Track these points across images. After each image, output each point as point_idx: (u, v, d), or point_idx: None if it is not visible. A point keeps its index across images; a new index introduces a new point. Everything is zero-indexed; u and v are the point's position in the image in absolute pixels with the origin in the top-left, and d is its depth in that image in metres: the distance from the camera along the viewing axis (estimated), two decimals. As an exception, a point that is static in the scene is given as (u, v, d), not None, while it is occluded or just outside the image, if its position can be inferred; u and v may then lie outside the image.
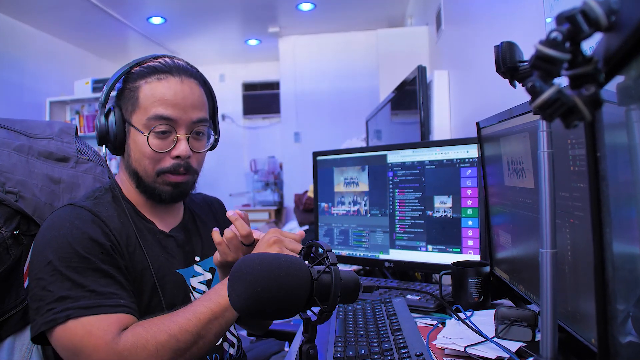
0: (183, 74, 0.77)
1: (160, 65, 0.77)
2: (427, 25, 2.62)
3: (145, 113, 0.74)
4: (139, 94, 0.75)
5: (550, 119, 0.31)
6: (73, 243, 0.67)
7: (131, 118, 0.76)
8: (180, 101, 0.75)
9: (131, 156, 0.77)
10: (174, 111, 0.74)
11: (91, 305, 0.64)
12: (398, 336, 0.72)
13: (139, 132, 0.74)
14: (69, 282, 0.65)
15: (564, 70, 0.31)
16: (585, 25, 0.29)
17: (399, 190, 1.17)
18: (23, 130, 0.88)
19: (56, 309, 0.63)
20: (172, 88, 0.75)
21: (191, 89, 0.77)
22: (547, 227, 0.49)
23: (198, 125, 0.77)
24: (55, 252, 0.66)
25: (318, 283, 0.54)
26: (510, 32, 1.20)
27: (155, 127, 0.73)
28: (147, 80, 0.75)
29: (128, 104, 0.76)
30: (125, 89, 0.77)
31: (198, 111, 0.77)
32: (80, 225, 0.69)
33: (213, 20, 3.74)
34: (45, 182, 0.84)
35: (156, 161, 0.75)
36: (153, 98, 0.74)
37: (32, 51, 3.65)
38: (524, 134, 0.74)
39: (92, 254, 0.67)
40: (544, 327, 0.50)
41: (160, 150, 0.74)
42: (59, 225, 0.69)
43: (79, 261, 0.66)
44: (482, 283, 0.92)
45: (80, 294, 0.64)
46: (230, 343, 0.84)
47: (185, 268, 0.81)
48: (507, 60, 0.53)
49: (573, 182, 0.57)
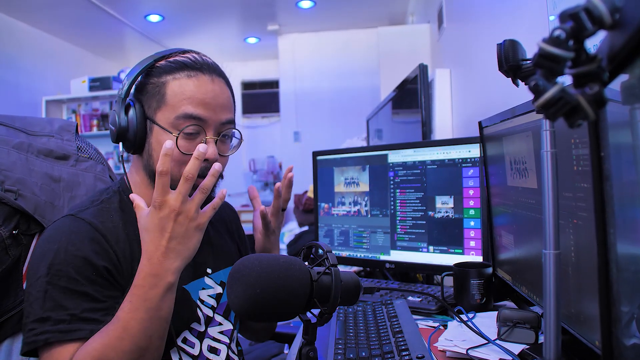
0: (213, 73, 0.73)
1: (189, 62, 0.72)
2: (429, 23, 2.61)
3: (173, 111, 0.69)
4: (166, 90, 0.70)
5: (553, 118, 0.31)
6: (65, 261, 0.64)
7: (155, 115, 0.71)
8: (211, 101, 0.70)
9: (153, 157, 0.71)
10: (205, 111, 0.69)
11: (70, 329, 0.61)
12: (399, 338, 0.71)
13: (166, 131, 0.69)
14: (52, 302, 0.62)
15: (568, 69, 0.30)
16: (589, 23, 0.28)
17: (400, 191, 1.17)
18: (23, 128, 0.87)
19: (36, 330, 0.62)
20: (203, 86, 0.70)
21: (221, 89, 0.73)
22: (550, 228, 0.49)
23: (226, 127, 0.73)
24: (45, 268, 0.64)
25: (318, 284, 0.54)
26: (513, 30, 1.19)
27: (186, 127, 0.69)
28: (175, 76, 0.70)
29: (152, 100, 0.71)
30: (148, 84, 0.72)
31: (227, 112, 0.73)
32: (77, 242, 0.66)
33: (211, 17, 3.73)
34: (45, 180, 0.83)
35: (181, 164, 0.68)
36: (182, 96, 0.69)
37: (28, 49, 3.63)
38: (527, 134, 0.73)
39: (83, 275, 0.64)
40: (547, 329, 0.50)
41: (188, 152, 0.69)
42: (56, 239, 0.66)
43: (68, 282, 0.63)
44: (485, 284, 0.91)
45: (61, 317, 0.62)
46: None
47: (193, 281, 0.77)
48: (510, 58, 0.53)
49: (577, 182, 0.56)
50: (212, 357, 0.76)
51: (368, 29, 3.94)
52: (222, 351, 0.78)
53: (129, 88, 0.72)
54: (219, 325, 0.79)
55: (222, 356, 0.78)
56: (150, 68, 0.73)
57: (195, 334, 0.75)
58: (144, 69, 0.72)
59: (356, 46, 4.09)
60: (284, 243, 3.24)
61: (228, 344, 0.80)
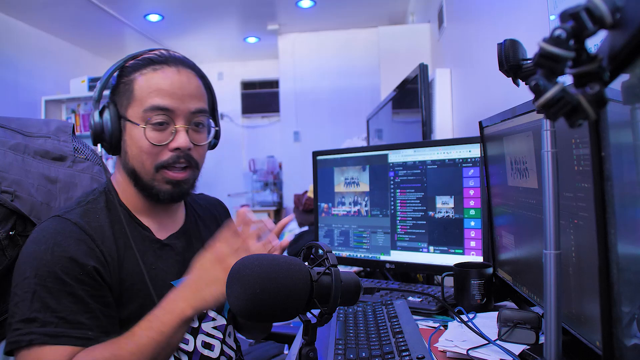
0: (179, 64, 0.74)
1: (155, 57, 0.74)
2: (429, 23, 2.61)
3: (141, 105, 0.71)
4: (134, 86, 0.72)
5: (554, 118, 0.30)
6: (51, 262, 0.64)
7: (126, 112, 0.72)
8: (177, 90, 0.71)
9: (128, 153, 0.73)
10: (171, 101, 0.71)
11: (56, 334, 0.61)
12: (399, 339, 0.71)
13: (135, 125, 0.71)
14: (39, 303, 0.62)
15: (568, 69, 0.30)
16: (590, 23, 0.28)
17: (400, 191, 1.17)
18: (19, 129, 0.87)
19: (21, 331, 0.61)
20: (168, 77, 0.72)
21: (188, 79, 0.74)
22: (550, 228, 0.49)
23: (197, 115, 0.74)
24: (32, 269, 0.64)
25: (318, 285, 0.54)
26: (514, 30, 1.19)
27: (152, 118, 0.70)
28: (142, 72, 0.72)
29: (123, 98, 0.73)
30: (119, 84, 0.74)
31: (196, 101, 0.74)
32: (63, 243, 0.66)
33: (211, 17, 3.73)
34: (42, 181, 0.83)
35: (154, 155, 0.71)
36: (149, 89, 0.71)
37: (27, 49, 3.62)
38: (528, 133, 0.73)
39: (70, 275, 0.64)
40: (547, 330, 0.49)
41: (158, 142, 0.71)
42: (42, 240, 0.66)
43: (54, 282, 0.63)
44: (485, 285, 0.91)
45: (48, 319, 0.62)
46: (227, 356, 0.81)
47: (181, 278, 0.76)
48: (510, 58, 0.53)
49: (577, 182, 0.56)
50: (207, 352, 0.77)
51: (368, 28, 3.94)
52: (216, 346, 0.78)
53: (101, 90, 0.74)
54: (212, 321, 0.80)
55: (217, 351, 0.78)
56: (122, 69, 0.74)
57: (189, 330, 0.75)
58: (114, 70, 0.74)
59: (356, 46, 4.09)
60: (284, 243, 3.24)
61: (222, 339, 0.80)
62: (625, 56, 0.29)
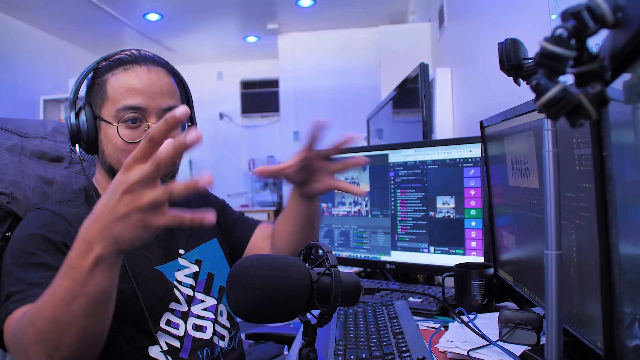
0: (150, 63, 0.76)
1: (126, 57, 0.76)
2: (430, 22, 2.61)
3: (114, 105, 0.73)
4: (107, 86, 0.75)
5: (555, 118, 0.30)
6: (24, 240, 0.67)
7: (101, 112, 0.75)
8: (147, 89, 0.73)
9: (105, 151, 0.76)
10: (143, 99, 0.73)
11: (26, 297, 0.60)
12: (400, 340, 0.71)
13: (109, 124, 0.74)
14: (13, 279, 0.64)
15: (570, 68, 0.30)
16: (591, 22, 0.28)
17: (401, 191, 1.16)
18: (15, 130, 0.87)
19: (1, 308, 0.62)
20: (138, 77, 0.74)
21: (159, 77, 0.76)
22: (552, 228, 0.49)
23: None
24: (9, 254, 0.67)
25: (318, 285, 0.54)
26: (515, 29, 1.18)
27: (124, 116, 0.73)
28: (113, 72, 0.75)
29: (97, 98, 0.76)
30: (93, 85, 0.77)
31: (167, 98, 0.75)
32: (36, 225, 0.69)
33: (210, 16, 3.72)
34: (38, 183, 0.83)
35: (128, 152, 0.67)
36: (121, 89, 0.73)
37: (26, 48, 3.61)
38: (529, 133, 0.73)
39: (41, 248, 0.66)
40: (548, 331, 0.49)
41: (131, 140, 0.73)
42: (20, 228, 0.70)
43: (25, 257, 0.65)
44: (486, 285, 0.91)
45: (20, 288, 0.62)
46: (219, 336, 0.81)
47: (166, 263, 0.78)
48: (511, 57, 0.53)
49: (578, 182, 0.56)
50: (199, 334, 0.77)
51: (368, 27, 3.94)
52: (208, 328, 0.79)
53: (76, 92, 0.76)
54: (201, 303, 0.80)
55: (209, 332, 0.79)
56: (96, 70, 0.77)
57: (179, 314, 0.76)
58: (88, 72, 0.76)
59: (356, 45, 4.08)
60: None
61: (213, 319, 0.81)
62: (627, 55, 0.29)
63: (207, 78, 5.00)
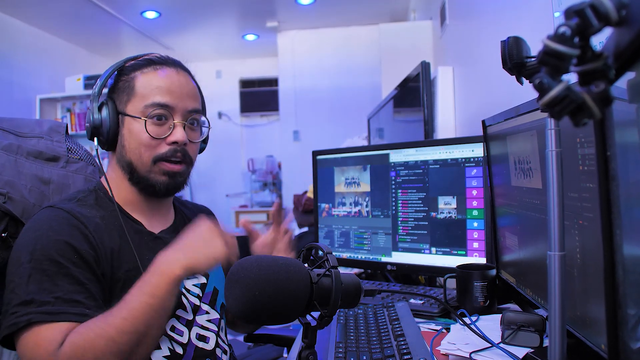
0: (178, 66, 0.81)
1: (156, 58, 0.80)
2: (431, 20, 2.60)
3: (142, 100, 0.76)
4: (135, 83, 0.77)
5: (558, 117, 0.30)
6: (47, 245, 0.66)
7: (126, 108, 0.77)
8: (176, 89, 0.77)
9: (125, 147, 0.77)
10: (171, 98, 0.77)
11: (54, 311, 0.62)
12: (401, 342, 0.71)
13: (136, 118, 0.76)
14: (36, 286, 0.64)
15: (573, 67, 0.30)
16: (595, 20, 0.28)
17: (402, 191, 1.16)
18: (11, 129, 0.86)
19: (19, 313, 0.62)
20: (169, 77, 0.78)
21: (186, 80, 0.80)
22: (555, 229, 0.48)
23: (193, 114, 0.80)
24: (28, 254, 0.66)
25: (318, 287, 0.53)
26: (517, 27, 1.18)
27: (152, 112, 0.75)
28: (143, 71, 0.78)
29: (123, 95, 0.78)
30: (119, 82, 0.79)
31: (193, 101, 0.80)
32: (57, 228, 0.68)
33: (209, 14, 3.70)
34: (35, 182, 0.83)
35: (152, 148, 0.76)
36: (150, 86, 0.77)
37: (22, 46, 3.59)
38: (532, 133, 0.72)
39: (66, 257, 0.66)
40: (552, 333, 0.49)
41: (157, 136, 0.76)
42: (36, 227, 0.69)
43: (50, 264, 0.65)
44: (488, 287, 0.90)
45: (46, 299, 0.63)
46: (222, 349, 0.82)
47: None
48: (514, 55, 0.52)
49: (582, 182, 0.55)
50: (202, 344, 0.78)
51: (369, 25, 3.93)
52: (211, 339, 0.80)
53: (102, 87, 0.79)
54: (206, 314, 0.81)
55: (212, 343, 0.80)
56: (121, 69, 0.80)
57: (184, 322, 0.77)
58: (115, 69, 0.80)
59: (357, 43, 4.06)
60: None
61: (217, 332, 0.82)
62: (631, 54, 0.29)
63: (205, 77, 4.92)
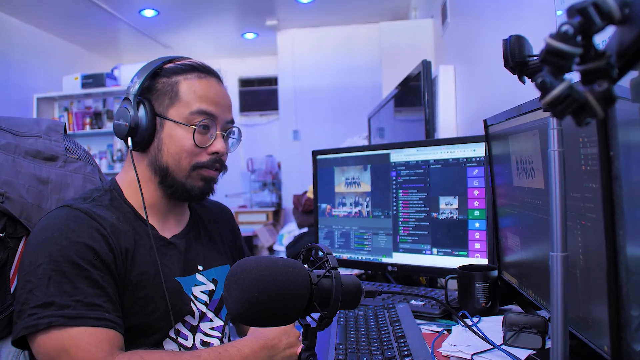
0: (218, 78, 0.83)
1: (198, 65, 0.81)
2: (432, 18, 2.59)
3: (187, 107, 0.76)
4: (179, 88, 0.77)
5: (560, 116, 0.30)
6: (66, 247, 0.66)
7: (167, 112, 0.77)
8: (220, 100, 0.80)
9: (163, 150, 0.77)
10: (216, 109, 0.78)
11: (75, 315, 0.63)
12: (402, 343, 0.70)
13: (181, 125, 0.76)
14: (56, 288, 0.64)
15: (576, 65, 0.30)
16: (598, 18, 0.28)
17: (403, 191, 1.15)
18: (9, 128, 0.86)
19: (38, 315, 0.63)
20: (213, 87, 0.80)
21: (226, 92, 0.83)
22: (557, 229, 0.48)
23: (230, 125, 0.83)
24: (46, 255, 0.66)
25: (318, 288, 0.53)
26: (519, 25, 1.17)
27: (202, 121, 0.76)
28: (186, 77, 0.78)
29: (164, 97, 0.78)
30: (157, 83, 0.79)
31: (230, 112, 0.83)
32: (76, 229, 0.68)
33: (208, 12, 3.69)
34: (33, 182, 0.83)
35: (194, 155, 0.77)
36: (195, 94, 0.77)
37: (19, 45, 3.59)
38: (534, 132, 0.72)
39: (85, 260, 0.66)
40: (554, 334, 0.49)
41: (201, 145, 0.77)
42: (54, 227, 0.68)
43: (70, 267, 0.65)
44: (490, 288, 0.90)
45: (65, 302, 0.63)
46: None
47: (185, 277, 0.80)
48: (516, 54, 0.52)
49: (585, 182, 0.55)
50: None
51: (370, 24, 3.92)
52: (214, 345, 0.80)
53: (141, 86, 0.77)
54: (210, 322, 0.82)
55: None
56: (158, 70, 0.79)
57: (189, 327, 0.78)
58: (154, 69, 0.79)
59: (357, 42, 4.05)
60: (282, 245, 3.23)
61: (220, 338, 0.83)
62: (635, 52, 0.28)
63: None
